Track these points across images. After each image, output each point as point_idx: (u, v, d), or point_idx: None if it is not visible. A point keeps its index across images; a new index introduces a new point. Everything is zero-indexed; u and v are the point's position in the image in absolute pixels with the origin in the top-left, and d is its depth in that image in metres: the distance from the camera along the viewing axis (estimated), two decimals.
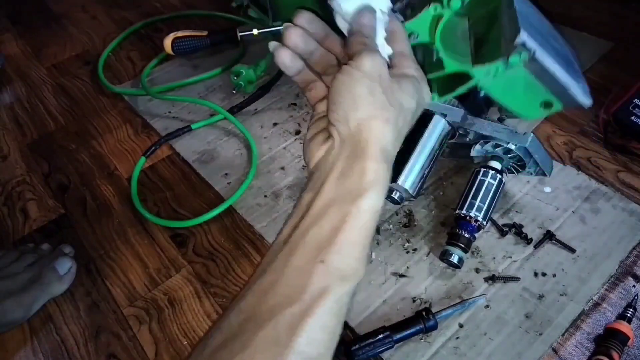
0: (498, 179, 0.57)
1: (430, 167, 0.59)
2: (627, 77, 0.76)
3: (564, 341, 0.51)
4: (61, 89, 0.92)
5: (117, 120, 0.84)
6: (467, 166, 0.67)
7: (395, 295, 0.56)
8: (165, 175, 0.73)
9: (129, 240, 0.66)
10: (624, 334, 0.50)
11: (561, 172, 0.66)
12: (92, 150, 0.79)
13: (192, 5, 1.11)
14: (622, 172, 0.66)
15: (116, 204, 0.70)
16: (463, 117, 0.58)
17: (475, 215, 0.56)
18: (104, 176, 0.75)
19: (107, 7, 1.14)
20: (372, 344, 0.50)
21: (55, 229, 0.68)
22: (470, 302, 0.54)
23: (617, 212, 0.61)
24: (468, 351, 0.51)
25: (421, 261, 0.59)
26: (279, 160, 0.72)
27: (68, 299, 0.60)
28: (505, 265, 0.58)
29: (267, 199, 0.67)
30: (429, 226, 0.62)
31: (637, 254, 0.57)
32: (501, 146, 0.58)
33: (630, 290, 0.54)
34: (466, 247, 0.56)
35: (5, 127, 0.86)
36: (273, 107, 0.81)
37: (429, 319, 0.51)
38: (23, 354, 0.56)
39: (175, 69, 0.92)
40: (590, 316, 0.53)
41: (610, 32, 0.87)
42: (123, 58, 0.97)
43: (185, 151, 0.76)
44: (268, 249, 0.34)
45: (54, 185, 0.74)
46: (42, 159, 0.79)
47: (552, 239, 0.59)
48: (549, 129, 0.73)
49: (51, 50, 1.03)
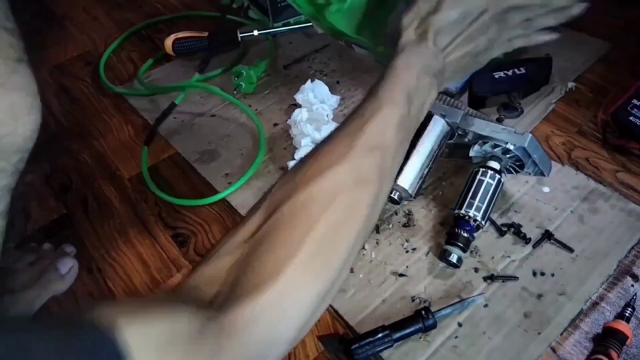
0: (497, 179, 0.58)
1: (429, 167, 0.59)
2: (626, 77, 0.77)
3: (563, 340, 0.52)
4: (62, 90, 0.93)
5: (119, 120, 0.84)
6: (466, 166, 0.67)
7: (394, 294, 0.56)
8: (166, 175, 0.74)
9: (130, 240, 0.66)
10: (622, 333, 0.50)
11: (560, 172, 0.67)
12: (94, 150, 0.79)
13: (192, 6, 1.11)
14: (620, 172, 0.67)
15: (117, 204, 0.71)
16: (462, 117, 0.59)
17: (474, 215, 0.56)
18: (105, 176, 0.75)
19: (108, 8, 1.14)
20: (371, 342, 0.50)
21: (57, 229, 0.69)
22: (469, 301, 0.54)
23: (616, 212, 0.62)
24: (467, 350, 0.51)
25: (420, 261, 0.59)
26: (279, 160, 0.73)
27: (70, 299, 0.60)
28: (504, 264, 0.58)
29: None
30: (428, 226, 0.63)
31: (636, 253, 0.58)
32: (500, 146, 0.58)
33: (629, 290, 0.55)
34: (465, 246, 0.56)
35: None
36: (273, 107, 0.82)
37: (428, 318, 0.51)
38: None
39: (176, 69, 0.92)
40: (588, 315, 0.53)
41: (609, 33, 0.87)
42: (124, 59, 0.98)
43: (186, 151, 0.76)
44: None
45: (55, 186, 0.75)
46: (44, 159, 0.79)
47: (551, 239, 0.59)
48: (548, 129, 0.73)
49: (52, 51, 1.03)
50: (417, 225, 0.63)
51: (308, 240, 0.34)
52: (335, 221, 0.35)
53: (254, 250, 0.34)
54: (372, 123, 0.40)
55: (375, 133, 0.40)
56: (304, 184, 0.36)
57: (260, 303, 0.31)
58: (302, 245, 0.33)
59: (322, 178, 0.36)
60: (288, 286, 0.32)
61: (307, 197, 0.36)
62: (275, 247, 0.34)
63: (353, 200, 0.37)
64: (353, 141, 0.39)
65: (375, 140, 0.39)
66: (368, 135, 0.39)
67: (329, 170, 0.37)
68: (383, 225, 0.63)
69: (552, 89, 0.78)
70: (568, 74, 0.80)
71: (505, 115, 0.74)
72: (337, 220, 0.35)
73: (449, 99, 0.62)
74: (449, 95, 0.65)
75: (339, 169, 0.37)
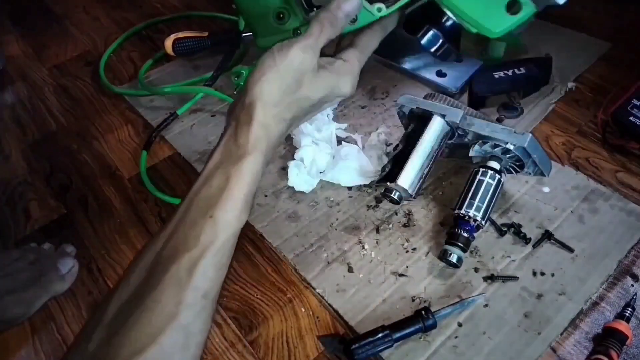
0: (497, 179, 0.58)
1: (429, 167, 0.59)
2: (626, 77, 0.76)
3: (563, 340, 0.52)
4: (63, 90, 0.93)
5: (119, 120, 0.84)
6: (465, 166, 0.67)
7: (394, 294, 0.56)
8: (166, 175, 0.74)
9: (130, 240, 0.66)
10: (622, 333, 0.50)
11: (560, 172, 0.67)
12: (94, 150, 0.80)
13: (192, 7, 1.11)
14: (620, 172, 0.67)
15: (117, 204, 0.71)
16: (462, 117, 0.59)
17: (474, 215, 0.56)
18: (105, 176, 0.75)
19: (108, 8, 1.14)
20: (371, 342, 0.50)
21: (57, 229, 0.69)
22: (469, 301, 0.54)
23: (616, 212, 0.62)
24: (467, 350, 0.51)
25: (420, 261, 0.59)
26: (279, 160, 0.73)
27: (70, 299, 0.60)
28: (504, 264, 0.58)
29: (267, 199, 0.68)
30: (428, 226, 0.63)
31: (636, 253, 0.58)
32: (500, 146, 0.58)
33: (629, 290, 0.55)
34: (465, 246, 0.56)
35: (7, 128, 0.86)
36: None
37: (428, 318, 0.51)
38: (24, 353, 0.56)
39: (176, 69, 0.92)
40: (588, 315, 0.53)
41: (609, 33, 0.87)
42: (124, 59, 0.98)
43: (186, 151, 0.76)
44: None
45: (55, 185, 0.75)
46: (44, 159, 0.79)
47: (551, 239, 0.59)
48: (548, 129, 0.73)
49: (52, 51, 1.03)
50: (417, 225, 0.63)
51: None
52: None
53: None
54: (207, 258, 0.37)
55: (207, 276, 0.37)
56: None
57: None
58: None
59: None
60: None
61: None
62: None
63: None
64: (183, 291, 0.35)
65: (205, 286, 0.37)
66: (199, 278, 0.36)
67: (153, 344, 0.34)
68: (383, 225, 0.63)
69: (552, 89, 0.78)
70: (568, 74, 0.80)
71: (505, 115, 0.74)
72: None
73: (449, 99, 0.62)
74: (449, 95, 0.65)
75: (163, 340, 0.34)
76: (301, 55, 0.41)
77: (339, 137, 0.72)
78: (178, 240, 0.37)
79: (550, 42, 0.86)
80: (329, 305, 0.56)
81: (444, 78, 0.80)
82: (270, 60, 0.41)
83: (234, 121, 0.41)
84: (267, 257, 0.62)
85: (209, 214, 0.38)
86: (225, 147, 0.40)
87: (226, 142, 0.41)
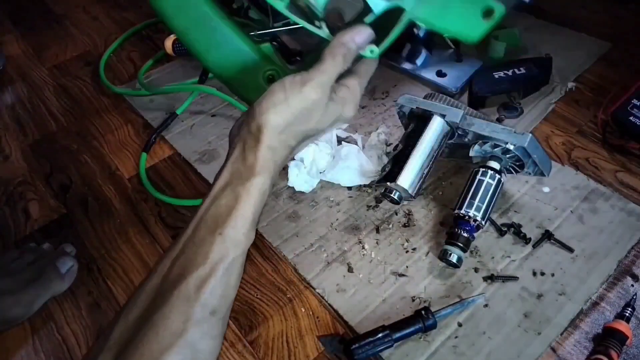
0: (497, 179, 0.58)
1: (429, 167, 0.59)
2: (626, 77, 0.77)
3: (563, 340, 0.52)
4: (62, 90, 0.93)
5: (119, 120, 0.84)
6: (466, 166, 0.67)
7: (394, 294, 0.56)
8: (166, 175, 0.74)
9: (130, 240, 0.66)
10: (622, 333, 0.50)
11: (560, 172, 0.67)
12: (94, 150, 0.80)
13: None
14: (620, 172, 0.67)
15: (117, 204, 0.71)
16: (462, 117, 0.59)
17: (474, 215, 0.56)
18: (105, 176, 0.75)
19: (108, 8, 1.14)
20: (371, 342, 0.50)
21: (57, 229, 0.69)
22: (469, 301, 0.54)
23: (616, 212, 0.62)
24: (467, 350, 0.51)
25: (420, 261, 0.59)
26: None
27: (69, 299, 0.60)
28: (504, 264, 0.58)
29: (267, 199, 0.67)
30: (428, 226, 0.63)
31: (636, 253, 0.58)
32: (500, 146, 0.58)
33: (629, 290, 0.55)
34: (465, 246, 0.56)
35: (7, 128, 0.86)
36: None
37: (428, 318, 0.51)
38: (24, 353, 0.56)
39: (176, 69, 0.92)
40: (588, 315, 0.53)
41: (608, 33, 0.87)
42: (124, 59, 0.98)
43: (186, 151, 0.76)
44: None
45: (55, 185, 0.75)
46: (44, 159, 0.79)
47: (551, 239, 0.59)
48: (548, 129, 0.73)
49: (52, 51, 1.03)
50: (417, 225, 0.63)
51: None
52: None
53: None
54: (216, 276, 0.36)
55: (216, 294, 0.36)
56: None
57: None
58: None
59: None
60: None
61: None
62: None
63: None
64: (191, 307, 0.35)
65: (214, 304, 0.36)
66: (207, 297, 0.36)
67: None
68: (383, 225, 0.63)
69: (552, 89, 0.78)
70: (568, 74, 0.80)
71: (505, 115, 0.74)
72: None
73: (449, 99, 0.62)
74: (449, 95, 0.65)
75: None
76: (314, 94, 0.41)
77: (339, 137, 0.72)
78: (187, 259, 0.37)
79: (550, 42, 0.86)
80: (329, 305, 0.56)
81: (444, 78, 0.80)
82: (281, 94, 0.40)
83: (241, 143, 0.41)
84: (267, 257, 0.62)
85: (218, 232, 0.38)
86: (233, 168, 0.40)
87: (234, 163, 0.41)
